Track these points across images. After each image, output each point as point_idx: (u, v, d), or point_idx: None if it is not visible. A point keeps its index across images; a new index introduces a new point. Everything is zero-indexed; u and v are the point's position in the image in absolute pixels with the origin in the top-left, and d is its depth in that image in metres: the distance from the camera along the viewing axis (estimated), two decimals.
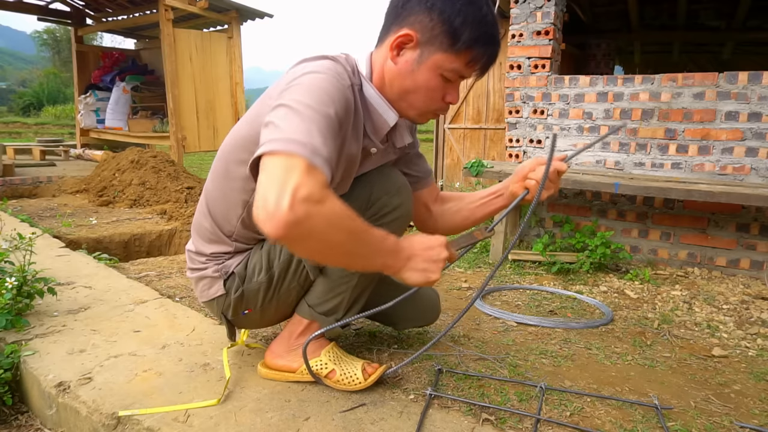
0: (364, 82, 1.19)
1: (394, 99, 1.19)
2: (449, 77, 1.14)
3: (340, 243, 0.91)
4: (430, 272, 1.04)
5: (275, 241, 0.92)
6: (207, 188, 1.34)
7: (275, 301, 1.34)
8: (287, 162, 0.86)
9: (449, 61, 1.11)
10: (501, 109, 5.76)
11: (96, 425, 1.20)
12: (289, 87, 1.03)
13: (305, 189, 0.83)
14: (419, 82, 1.14)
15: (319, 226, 0.86)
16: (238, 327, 1.47)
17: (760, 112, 2.74)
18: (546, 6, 3.31)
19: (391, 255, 1.01)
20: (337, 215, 0.88)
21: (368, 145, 1.24)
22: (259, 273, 1.30)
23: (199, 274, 1.35)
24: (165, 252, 3.63)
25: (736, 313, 2.21)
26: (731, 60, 7.53)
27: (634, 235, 3.09)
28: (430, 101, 1.18)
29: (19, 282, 1.68)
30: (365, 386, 1.32)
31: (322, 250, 0.92)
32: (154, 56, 8.11)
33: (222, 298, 1.34)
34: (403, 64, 1.14)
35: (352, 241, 0.93)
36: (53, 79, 27.92)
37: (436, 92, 1.16)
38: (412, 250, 1.04)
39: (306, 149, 0.88)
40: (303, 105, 0.97)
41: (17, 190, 5.32)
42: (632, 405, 1.38)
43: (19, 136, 16.62)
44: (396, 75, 1.16)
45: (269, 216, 0.82)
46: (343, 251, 0.94)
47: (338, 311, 1.34)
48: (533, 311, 2.15)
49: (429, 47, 1.11)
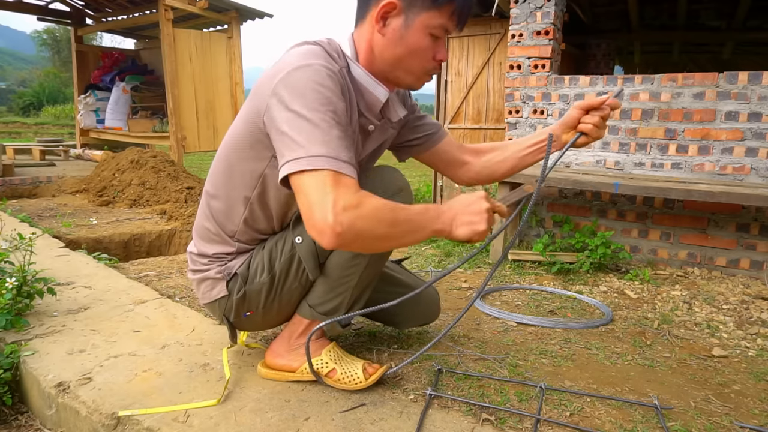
0: (351, 62, 1.21)
1: (389, 70, 1.22)
2: (437, 34, 1.17)
3: (387, 233, 1.01)
4: (475, 224, 1.07)
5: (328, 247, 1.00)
6: (207, 190, 1.34)
7: (277, 303, 1.34)
8: (317, 180, 0.98)
9: (435, 18, 1.15)
10: (501, 109, 5.76)
11: (96, 425, 1.20)
12: (285, 85, 1.06)
13: (342, 201, 0.96)
14: (411, 45, 1.17)
15: (364, 227, 0.97)
16: (240, 329, 1.47)
17: (760, 112, 2.74)
18: (546, 6, 3.31)
19: (436, 222, 1.07)
20: (377, 210, 0.99)
21: (365, 123, 1.27)
22: (261, 273, 1.30)
23: (202, 276, 1.35)
24: (165, 252, 3.63)
25: (736, 313, 2.21)
26: (731, 60, 7.52)
27: (634, 235, 3.09)
28: (425, 62, 1.20)
29: (19, 282, 1.68)
30: (366, 386, 1.32)
31: (375, 243, 1.02)
32: (153, 56, 8.11)
33: (224, 300, 1.33)
34: (391, 32, 1.17)
35: (397, 227, 1.02)
36: (53, 79, 27.93)
37: (427, 52, 1.19)
38: (453, 210, 1.08)
39: (329, 162, 0.99)
40: (308, 109, 1.03)
41: (17, 190, 5.32)
42: (632, 405, 1.38)
43: (19, 136, 16.62)
44: (386, 45, 1.19)
45: (320, 233, 0.96)
46: (393, 237, 1.03)
47: (339, 311, 1.34)
48: (533, 311, 2.15)
49: (413, 9, 1.14)
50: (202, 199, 1.36)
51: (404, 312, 1.57)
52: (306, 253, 1.26)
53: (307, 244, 1.26)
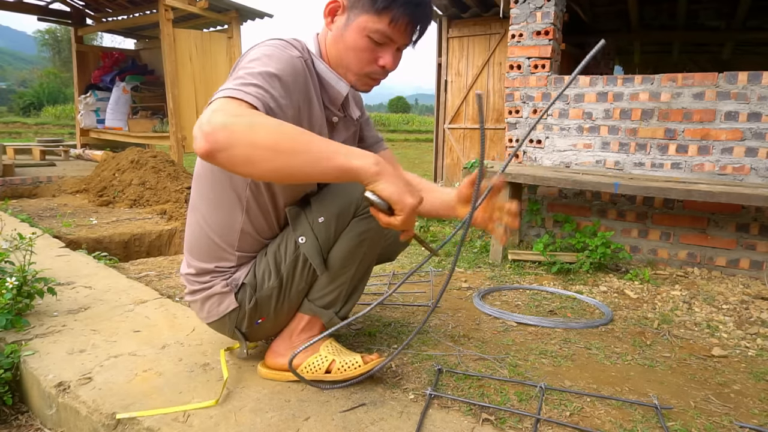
0: (314, 58, 1.27)
1: (334, 66, 1.28)
2: (377, 39, 1.20)
3: (270, 143, 0.94)
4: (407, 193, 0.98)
5: (206, 158, 0.94)
6: (195, 206, 1.32)
7: (286, 305, 1.33)
8: (215, 104, 0.98)
9: (372, 22, 1.18)
10: (501, 109, 5.76)
11: (96, 425, 1.20)
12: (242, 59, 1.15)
13: (221, 107, 0.95)
14: (348, 43, 1.22)
15: (239, 130, 0.93)
16: (252, 340, 1.44)
17: (760, 112, 2.74)
18: (546, 6, 3.31)
19: (355, 158, 0.98)
20: (257, 117, 0.96)
21: (329, 116, 1.32)
22: (269, 279, 1.29)
23: (206, 294, 1.33)
24: (165, 252, 3.63)
25: (736, 313, 2.21)
26: (731, 60, 7.52)
27: (634, 235, 3.09)
28: (362, 63, 1.24)
29: (19, 282, 1.68)
30: (365, 370, 1.31)
31: (254, 154, 0.94)
32: (154, 56, 8.11)
33: (235, 313, 1.32)
34: (336, 29, 1.24)
35: (285, 140, 0.95)
36: (53, 79, 27.94)
37: (364, 53, 1.22)
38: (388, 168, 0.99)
39: (232, 92, 0.99)
40: (243, 70, 1.07)
41: (17, 190, 5.32)
42: (632, 405, 1.38)
43: (19, 136, 16.63)
44: (332, 41, 1.26)
45: (194, 139, 0.94)
46: (281, 150, 0.95)
47: (336, 303, 1.35)
48: (533, 311, 2.15)
49: (354, 10, 1.20)
50: (191, 218, 1.33)
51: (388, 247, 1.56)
52: (311, 251, 1.26)
53: (311, 242, 1.26)
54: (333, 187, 1.28)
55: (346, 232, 1.26)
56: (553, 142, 3.38)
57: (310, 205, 1.28)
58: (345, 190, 1.26)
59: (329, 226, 1.25)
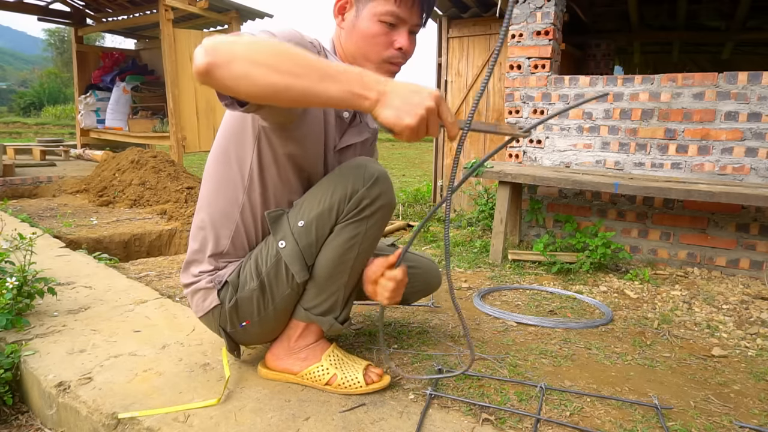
0: (328, 53, 1.29)
1: (351, 61, 1.29)
2: (388, 20, 1.22)
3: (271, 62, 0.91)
4: (404, 114, 0.91)
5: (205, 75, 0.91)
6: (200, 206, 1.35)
7: (272, 311, 1.31)
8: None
9: (380, 5, 1.21)
10: (501, 109, 5.76)
11: (96, 425, 1.20)
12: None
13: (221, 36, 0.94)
14: (363, 32, 1.24)
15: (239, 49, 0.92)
16: (241, 343, 1.42)
17: (760, 112, 2.74)
18: (546, 6, 3.31)
19: (355, 83, 0.92)
20: (258, 40, 0.95)
21: (339, 111, 1.33)
22: (250, 281, 1.28)
23: (194, 288, 1.34)
24: (165, 252, 3.63)
25: (736, 313, 2.21)
26: (731, 60, 7.52)
27: (633, 235, 3.10)
28: (379, 48, 1.25)
29: (19, 282, 1.68)
30: (365, 392, 1.32)
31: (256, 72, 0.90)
32: (154, 56, 8.11)
33: (217, 310, 1.32)
34: (348, 24, 1.27)
35: (286, 60, 0.92)
36: (54, 79, 27.96)
37: (380, 38, 1.24)
38: (392, 85, 0.93)
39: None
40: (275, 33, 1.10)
41: (17, 190, 5.32)
42: (632, 405, 1.38)
43: (20, 136, 16.63)
44: (346, 37, 1.28)
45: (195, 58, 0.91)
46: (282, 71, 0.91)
47: (335, 310, 1.33)
48: (533, 311, 2.15)
49: (362, 1, 1.24)
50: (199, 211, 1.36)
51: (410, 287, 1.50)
52: (291, 256, 1.23)
53: (291, 247, 1.24)
54: (314, 190, 1.26)
55: (333, 238, 1.24)
56: (553, 142, 3.38)
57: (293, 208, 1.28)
58: (326, 194, 1.23)
59: (310, 232, 1.23)
